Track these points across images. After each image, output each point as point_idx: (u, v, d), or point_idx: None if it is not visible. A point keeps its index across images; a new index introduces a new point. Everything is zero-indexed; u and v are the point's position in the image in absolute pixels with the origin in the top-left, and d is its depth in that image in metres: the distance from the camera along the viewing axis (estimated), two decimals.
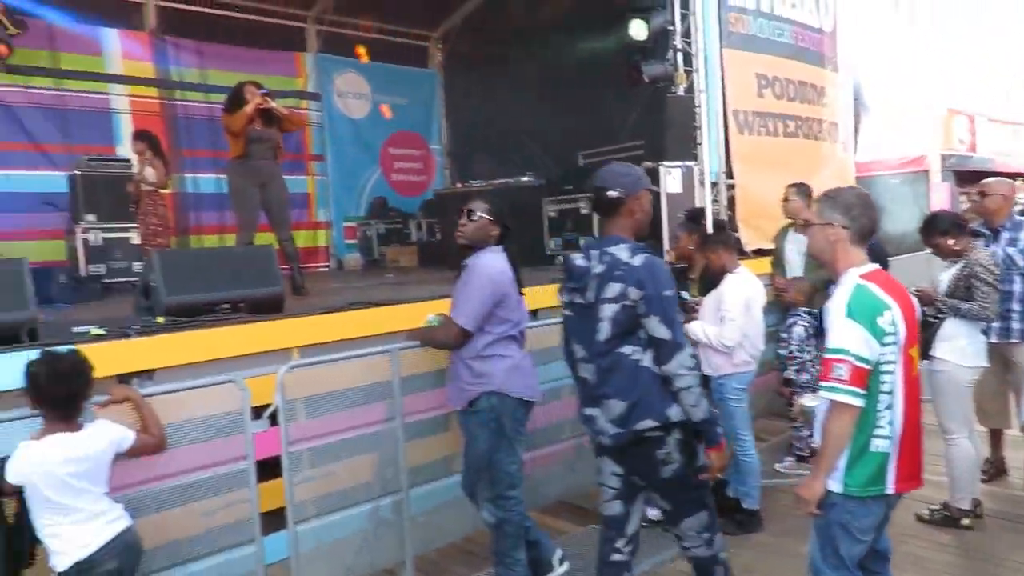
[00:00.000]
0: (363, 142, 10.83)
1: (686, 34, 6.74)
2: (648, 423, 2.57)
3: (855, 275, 2.36)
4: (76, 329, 3.51)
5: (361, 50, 10.60)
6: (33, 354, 2.58)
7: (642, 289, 2.50)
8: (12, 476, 2.29)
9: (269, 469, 3.25)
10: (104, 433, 2.46)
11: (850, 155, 8.41)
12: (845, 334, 2.27)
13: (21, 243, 7.72)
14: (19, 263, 3.41)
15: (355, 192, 10.77)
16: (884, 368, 2.30)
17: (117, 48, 8.82)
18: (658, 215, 6.35)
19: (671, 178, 6.25)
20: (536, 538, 3.53)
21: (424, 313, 3.75)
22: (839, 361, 2.26)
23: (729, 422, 4.06)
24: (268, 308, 4.08)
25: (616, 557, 2.82)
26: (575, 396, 4.64)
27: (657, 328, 2.52)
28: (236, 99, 5.68)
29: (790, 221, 5.35)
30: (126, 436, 2.51)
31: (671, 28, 6.68)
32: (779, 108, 7.07)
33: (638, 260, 2.55)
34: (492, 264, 3.24)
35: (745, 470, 4.19)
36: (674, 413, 2.57)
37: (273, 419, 3.24)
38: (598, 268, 2.61)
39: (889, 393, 2.32)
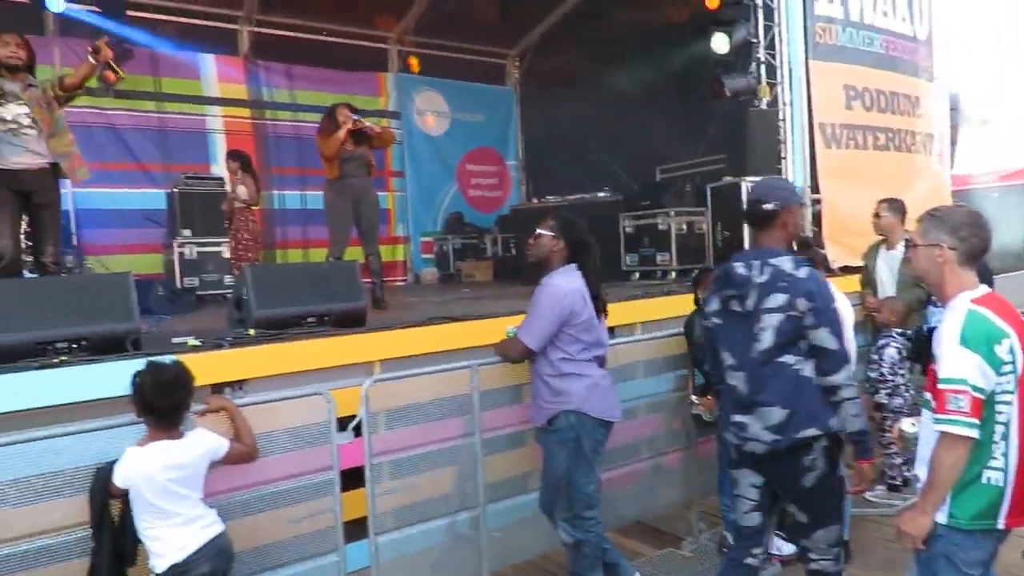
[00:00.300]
0: (441, 159, 11.06)
1: (770, 46, 6.60)
2: (812, 431, 2.62)
3: (966, 300, 2.23)
4: (175, 340, 3.70)
5: (412, 60, 10.78)
6: (137, 363, 2.73)
7: (812, 301, 2.57)
8: (119, 480, 2.44)
9: (351, 479, 3.32)
10: (202, 441, 2.58)
11: (946, 168, 8.00)
12: (961, 363, 2.14)
13: (123, 256, 8.23)
14: (125, 277, 3.61)
15: (432, 207, 10.99)
16: (1000, 398, 2.17)
17: (213, 72, 9.32)
18: (740, 232, 6.22)
19: None
20: (614, 560, 3.48)
21: (502, 328, 3.78)
22: (958, 392, 2.13)
23: None
24: (352, 322, 4.19)
25: (751, 561, 2.90)
26: (652, 414, 4.65)
27: (827, 339, 2.58)
28: (330, 122, 5.89)
29: (881, 238, 5.13)
30: (221, 445, 2.63)
31: (754, 41, 6.55)
32: (869, 120, 6.80)
33: (803, 272, 2.63)
34: (560, 284, 3.23)
35: None
36: (834, 423, 2.63)
37: (357, 431, 3.32)
38: (760, 278, 2.67)
39: (1005, 424, 2.18)
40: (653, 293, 5.64)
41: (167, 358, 2.68)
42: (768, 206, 2.73)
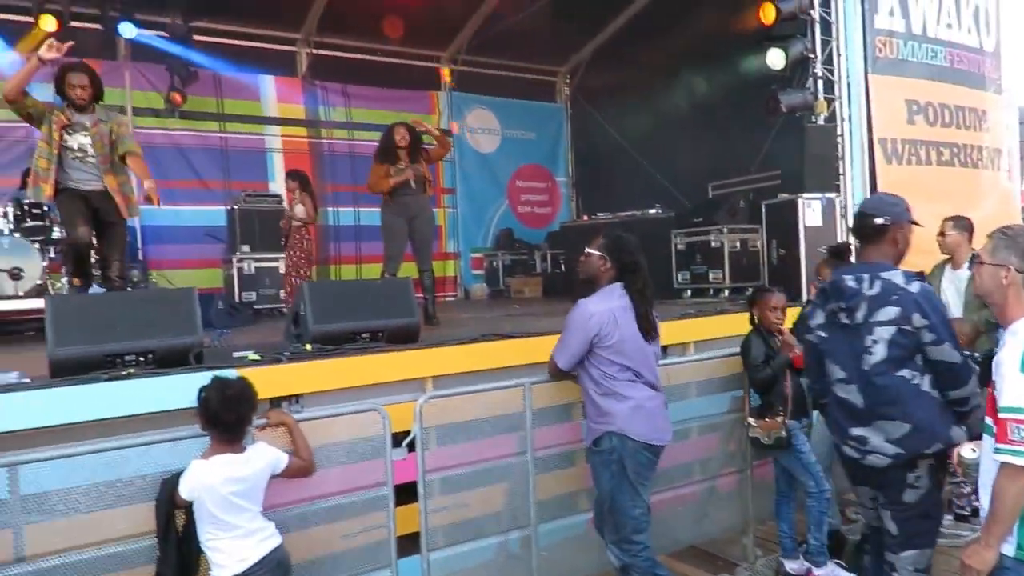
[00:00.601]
0: (492, 175, 11.16)
1: (827, 61, 6.48)
2: (936, 446, 2.60)
3: None
4: (236, 354, 3.79)
5: (445, 70, 10.86)
6: (200, 376, 2.81)
7: (927, 318, 2.57)
8: (184, 491, 2.51)
9: (403, 494, 3.34)
10: (263, 455, 2.64)
11: (1016, 184, 7.70)
12: (1022, 391, 2.06)
13: (185, 271, 8.52)
14: (189, 293, 3.74)
15: (483, 224, 11.08)
16: None
17: (272, 93, 9.62)
18: (796, 250, 6.09)
19: (811, 211, 5.99)
20: None
21: (551, 346, 3.76)
22: (1020, 421, 2.05)
23: None
24: (405, 338, 4.24)
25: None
26: (706, 436, 4.56)
27: (950, 354, 2.58)
28: (387, 146, 5.97)
29: (946, 257, 4.95)
30: (281, 459, 2.68)
31: (811, 56, 6.44)
32: (932, 135, 6.61)
33: (915, 287, 2.63)
34: (589, 306, 3.22)
35: None
36: (956, 435, 2.61)
37: (410, 447, 3.34)
38: (871, 291, 2.67)
39: None
40: (706, 312, 5.55)
41: (231, 373, 2.75)
42: (879, 220, 2.74)
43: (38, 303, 5.33)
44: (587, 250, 3.34)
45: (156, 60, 8.50)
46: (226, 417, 2.52)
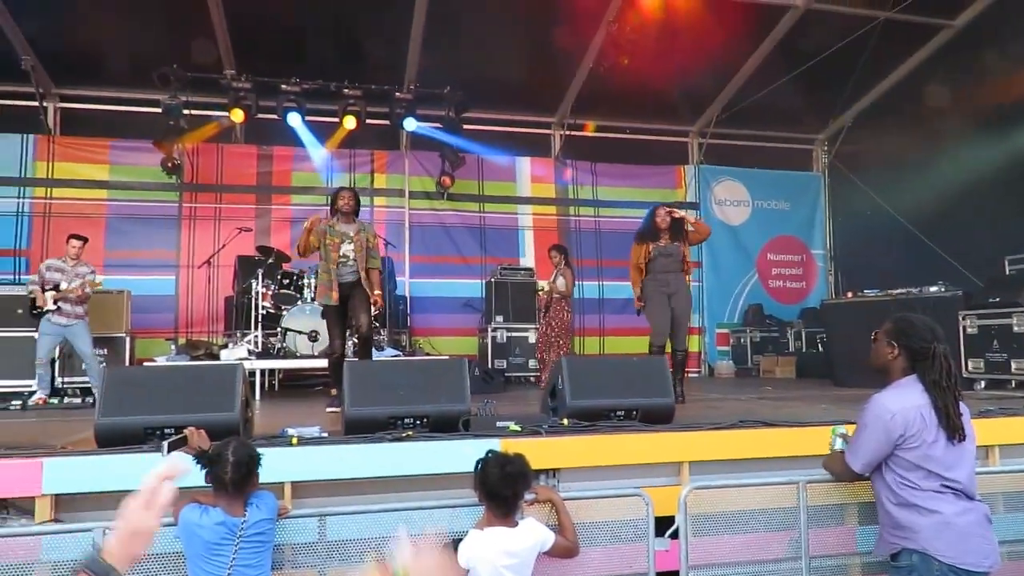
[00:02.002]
0: (740, 248, 10.78)
1: None
2: None
3: None
4: (499, 424, 3.96)
5: (693, 143, 10.65)
6: (469, 443, 2.95)
7: None
8: (463, 559, 2.61)
9: None
10: (533, 532, 2.69)
11: None
12: None
13: (446, 338, 9.26)
14: (460, 363, 4.01)
15: (730, 298, 10.68)
16: None
17: (527, 173, 10.31)
18: None
19: None
20: None
21: (823, 437, 3.41)
22: None
23: None
24: (660, 418, 4.13)
25: None
26: (1018, 562, 3.78)
27: None
28: (649, 227, 6.07)
29: None
30: (549, 537, 2.71)
31: None
32: None
33: None
34: (887, 402, 2.80)
35: None
36: None
37: (672, 535, 3.20)
38: None
39: None
40: (1012, 410, 4.71)
41: (495, 443, 2.85)
42: None
43: (325, 362, 6.12)
44: (874, 333, 3.01)
45: (431, 148, 9.56)
46: (504, 492, 2.61)
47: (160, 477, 1.13)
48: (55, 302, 6.36)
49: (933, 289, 7.01)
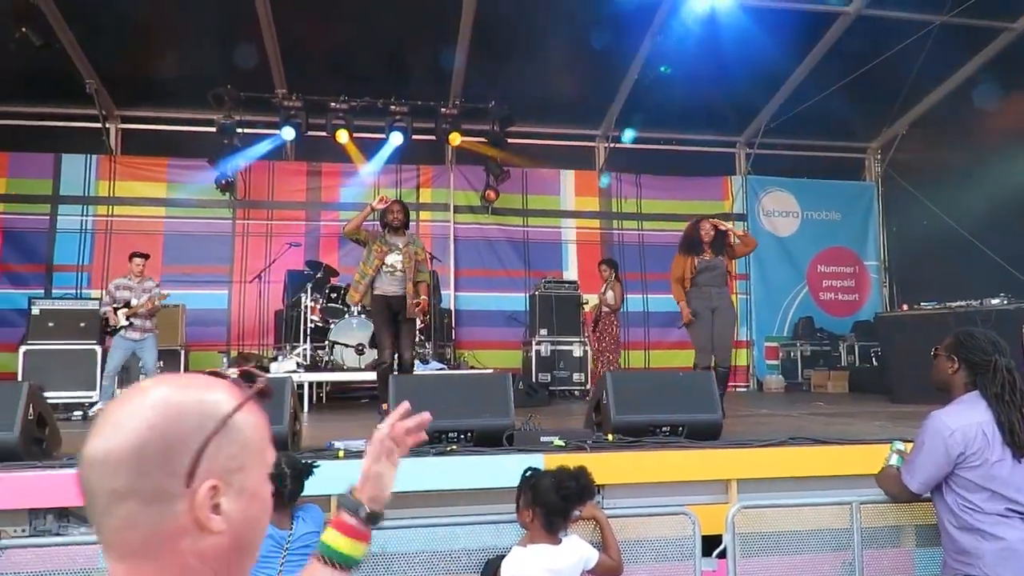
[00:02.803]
0: (790, 260, 10.55)
1: None
2: None
3: None
4: (543, 439, 3.94)
5: (740, 154, 10.49)
6: (512, 458, 2.92)
7: None
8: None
9: None
10: (576, 549, 2.65)
11: None
12: None
13: (490, 351, 9.28)
14: (504, 378, 4.02)
15: (779, 311, 10.45)
16: None
17: (571, 187, 10.29)
18: None
19: None
20: None
21: (877, 456, 3.29)
22: None
23: None
24: (706, 434, 4.06)
25: None
26: None
27: None
28: (692, 239, 5.99)
29: None
30: (592, 555, 2.68)
31: None
32: None
33: None
34: (946, 420, 2.68)
35: None
36: None
37: (719, 554, 3.14)
38: None
39: None
40: None
41: (538, 457, 2.83)
42: None
43: (373, 375, 6.19)
44: (935, 348, 2.90)
45: (476, 162, 9.64)
46: (556, 508, 2.57)
47: (391, 425, 1.19)
48: (127, 318, 6.62)
49: (995, 301, 6.74)
